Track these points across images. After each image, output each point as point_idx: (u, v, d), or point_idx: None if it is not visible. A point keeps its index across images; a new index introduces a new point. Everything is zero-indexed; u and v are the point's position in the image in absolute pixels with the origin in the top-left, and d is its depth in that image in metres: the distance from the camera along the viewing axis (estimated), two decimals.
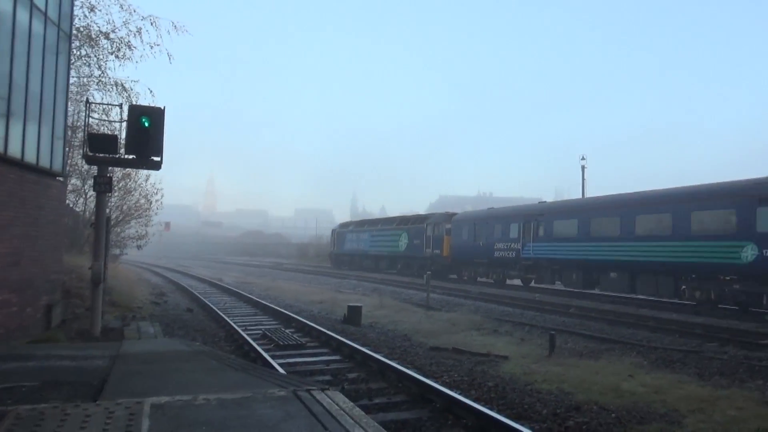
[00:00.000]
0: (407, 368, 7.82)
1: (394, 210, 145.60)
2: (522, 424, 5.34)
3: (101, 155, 9.92)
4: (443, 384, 7.06)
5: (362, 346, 9.58)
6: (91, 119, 12.82)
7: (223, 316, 13.51)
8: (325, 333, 10.57)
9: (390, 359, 8.52)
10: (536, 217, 23.89)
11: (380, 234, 38.07)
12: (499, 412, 5.88)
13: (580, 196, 34.88)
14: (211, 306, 15.69)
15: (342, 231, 44.24)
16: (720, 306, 15.84)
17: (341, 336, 10.36)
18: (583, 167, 38.78)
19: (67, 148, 13.25)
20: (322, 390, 4.95)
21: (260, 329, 11.65)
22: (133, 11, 16.46)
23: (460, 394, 6.47)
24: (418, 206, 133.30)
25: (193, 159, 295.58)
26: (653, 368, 8.86)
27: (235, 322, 12.41)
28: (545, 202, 27.33)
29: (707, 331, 12.32)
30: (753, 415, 6.42)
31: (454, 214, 32.10)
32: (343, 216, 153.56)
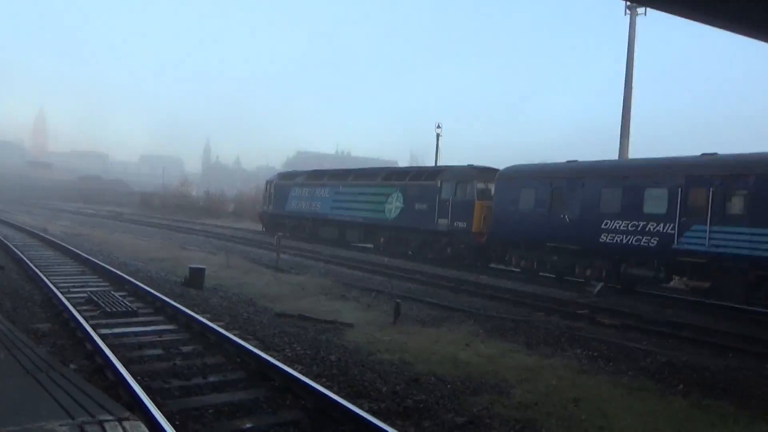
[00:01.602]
0: (248, 341, 7.45)
1: (250, 163, 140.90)
2: (361, 405, 5.26)
3: None
4: (285, 359, 6.80)
5: (201, 313, 9.01)
6: None
7: (41, 275, 12.00)
8: (161, 298, 9.78)
9: (230, 330, 8.07)
10: (726, 179, 13.18)
11: (352, 191, 25.95)
12: (339, 390, 5.76)
13: (434, 163, 36.10)
14: (29, 262, 13.92)
15: (284, 184, 31.27)
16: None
17: (179, 302, 9.65)
18: (438, 135, 40.14)
19: None
20: (120, 420, 3.98)
21: (86, 292, 10.50)
22: None
23: (301, 370, 6.26)
24: (275, 161, 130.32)
25: (21, 89, 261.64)
26: (488, 337, 9.33)
27: (55, 283, 11.06)
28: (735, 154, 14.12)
29: (536, 300, 13.33)
30: (571, 384, 6.96)
31: (487, 169, 20.90)
32: (194, 166, 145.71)
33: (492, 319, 10.58)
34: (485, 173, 20.73)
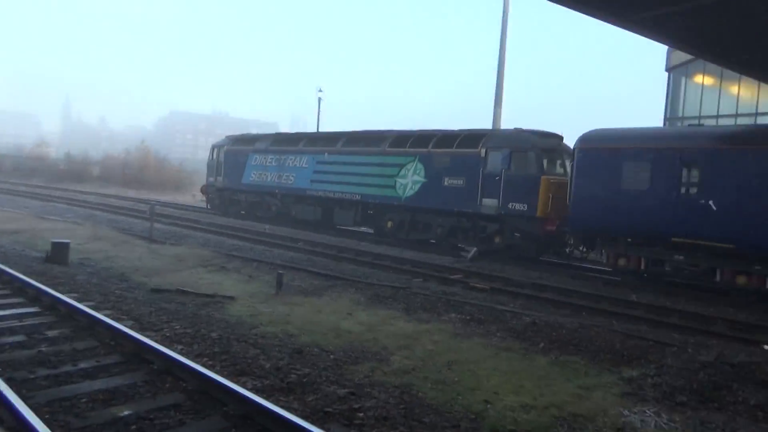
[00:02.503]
0: (122, 321, 7.13)
1: (118, 123, 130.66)
2: (244, 383, 5.28)
3: None
4: (163, 339, 6.61)
5: (67, 293, 8.44)
6: None
7: None
8: (19, 278, 9.00)
9: (101, 310, 7.66)
10: None
11: (344, 161, 20.04)
12: (222, 369, 5.72)
13: (316, 128, 35.75)
14: None
15: (238, 150, 24.65)
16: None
17: (41, 281, 8.96)
18: (319, 99, 39.74)
19: None
20: None
21: None
22: None
23: (181, 351, 6.13)
24: (146, 120, 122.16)
25: None
26: (369, 305, 9.63)
27: None
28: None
29: (415, 266, 13.90)
30: (446, 348, 7.41)
31: (550, 135, 16.63)
32: (52, 124, 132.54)
33: (373, 287, 10.91)
34: (548, 139, 16.33)
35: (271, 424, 4.46)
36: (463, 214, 16.62)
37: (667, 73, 27.29)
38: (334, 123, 56.14)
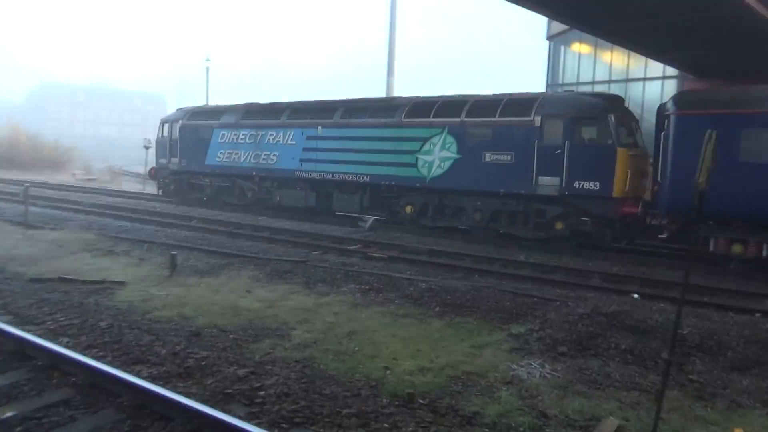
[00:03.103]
0: None
1: None
2: (139, 372, 5.12)
3: None
4: (47, 333, 6.22)
5: None
6: None
7: None
8: None
9: None
10: None
11: (345, 135, 16.99)
12: (114, 360, 5.50)
13: (205, 100, 34.24)
14: None
15: (199, 125, 21.01)
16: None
17: None
18: (207, 68, 38.07)
19: None
20: None
21: None
22: None
23: (67, 344, 5.81)
24: (16, 94, 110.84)
25: None
26: (269, 281, 9.57)
27: None
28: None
29: (313, 239, 13.91)
30: (346, 319, 7.55)
31: (616, 98, 14.63)
32: None
33: (271, 263, 10.82)
34: (615, 103, 14.01)
35: (168, 411, 4.38)
36: (512, 195, 14.03)
37: (547, 42, 28.68)
38: (226, 94, 54.01)
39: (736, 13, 12.51)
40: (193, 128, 21.25)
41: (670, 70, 21.85)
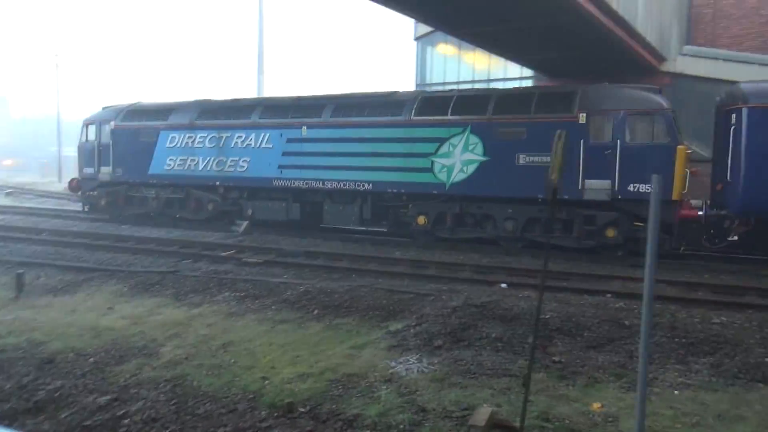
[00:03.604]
0: None
1: None
2: None
3: None
4: None
5: None
6: None
7: None
8: None
9: None
10: None
11: (337, 136, 14.66)
12: None
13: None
14: None
15: (141, 127, 17.75)
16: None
17: None
18: (56, 65, 35.00)
19: None
20: None
21: None
22: None
23: None
24: None
25: None
26: (134, 295, 8.95)
27: None
28: None
29: (183, 247, 13.21)
30: (221, 330, 7.24)
31: (653, 90, 12.75)
32: None
33: (137, 275, 10.12)
34: (660, 97, 12.45)
35: None
36: (554, 202, 13.07)
37: (415, 42, 29.56)
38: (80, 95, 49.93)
39: (579, 19, 13.62)
40: (131, 131, 17.77)
41: (527, 71, 23.37)
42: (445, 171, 13.43)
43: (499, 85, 24.43)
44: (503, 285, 9.63)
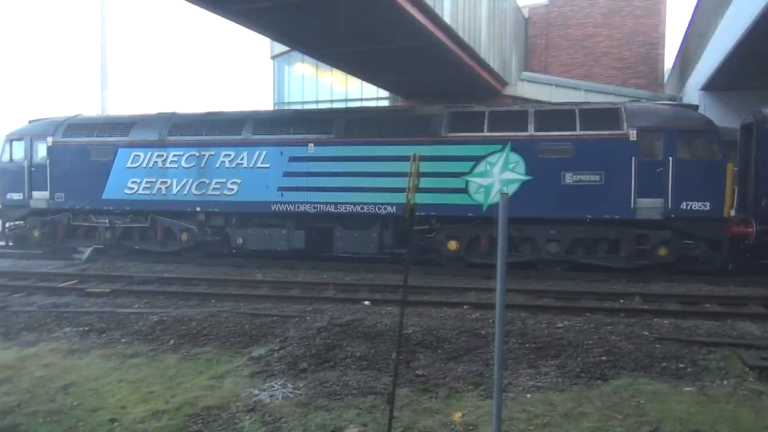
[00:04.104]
0: None
1: None
2: None
3: None
4: None
5: None
6: None
7: None
8: None
9: None
10: None
11: (356, 153, 13.27)
12: None
13: None
14: None
15: (91, 144, 15.04)
16: None
17: None
18: None
19: None
20: None
21: None
22: None
23: None
24: None
25: None
26: None
27: None
28: None
29: (15, 278, 11.82)
30: (61, 371, 6.52)
31: (692, 107, 13.17)
32: None
33: None
34: (701, 115, 12.76)
35: None
36: (600, 221, 12.22)
37: (272, 60, 29.32)
38: None
39: (432, 46, 14.39)
40: (77, 148, 15.19)
41: (383, 92, 24.16)
42: (482, 191, 12.26)
43: (357, 105, 24.92)
44: (366, 302, 9.74)
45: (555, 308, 9.34)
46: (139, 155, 14.70)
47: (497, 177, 11.90)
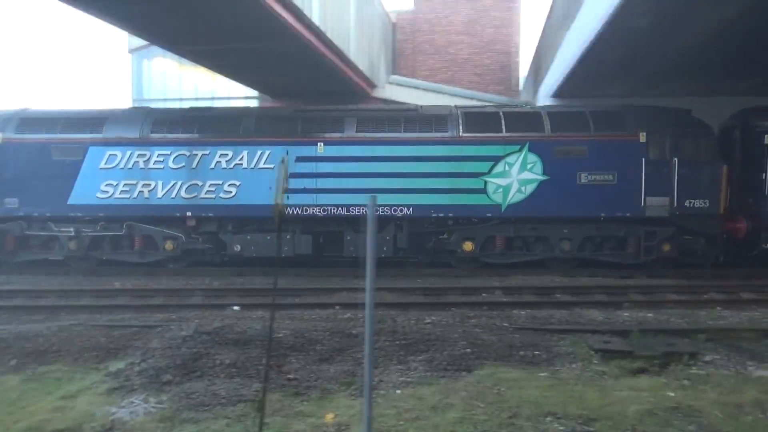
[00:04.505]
0: None
1: None
2: None
3: None
4: None
5: None
6: None
7: None
8: None
9: None
10: None
11: (370, 153, 12.64)
12: None
13: None
14: None
15: (53, 141, 12.67)
16: None
17: None
18: None
19: None
20: None
21: None
22: None
23: None
24: None
25: None
26: None
27: None
28: None
29: None
30: None
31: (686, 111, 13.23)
32: None
33: None
34: (698, 119, 13.13)
35: None
36: (612, 219, 12.69)
37: (130, 55, 27.49)
38: None
39: (299, 46, 14.23)
40: (35, 146, 13.26)
41: (252, 91, 23.55)
42: (500, 192, 12.65)
43: (225, 104, 24.17)
44: (236, 308, 9.45)
45: (424, 304, 9.67)
46: (115, 154, 13.15)
47: (516, 177, 12.50)
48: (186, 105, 23.53)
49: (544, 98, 19.19)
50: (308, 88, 19.57)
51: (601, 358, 6.73)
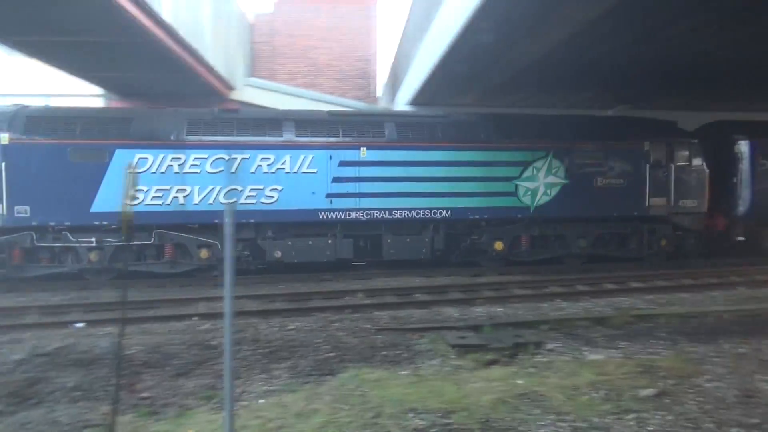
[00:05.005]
0: None
1: None
2: None
3: None
4: None
5: None
6: None
7: None
8: None
9: None
10: None
11: (410, 158, 12.89)
12: None
13: None
14: None
15: (74, 146, 10.82)
16: None
17: None
18: None
19: None
20: None
21: None
22: None
23: None
24: None
25: None
26: None
27: None
28: None
29: None
30: None
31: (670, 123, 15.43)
32: None
33: None
34: (687, 131, 14.94)
35: None
36: (624, 218, 14.17)
37: None
38: None
39: (147, 41, 13.38)
40: (50, 149, 11.79)
41: (98, 89, 21.76)
42: (529, 194, 13.66)
43: (62, 102, 22.15)
44: (79, 324, 8.66)
45: (287, 311, 9.55)
46: (146, 158, 12.06)
47: (542, 181, 13.71)
48: (18, 101, 21.28)
49: (401, 105, 19.85)
50: (160, 88, 18.52)
51: (458, 353, 7.09)
